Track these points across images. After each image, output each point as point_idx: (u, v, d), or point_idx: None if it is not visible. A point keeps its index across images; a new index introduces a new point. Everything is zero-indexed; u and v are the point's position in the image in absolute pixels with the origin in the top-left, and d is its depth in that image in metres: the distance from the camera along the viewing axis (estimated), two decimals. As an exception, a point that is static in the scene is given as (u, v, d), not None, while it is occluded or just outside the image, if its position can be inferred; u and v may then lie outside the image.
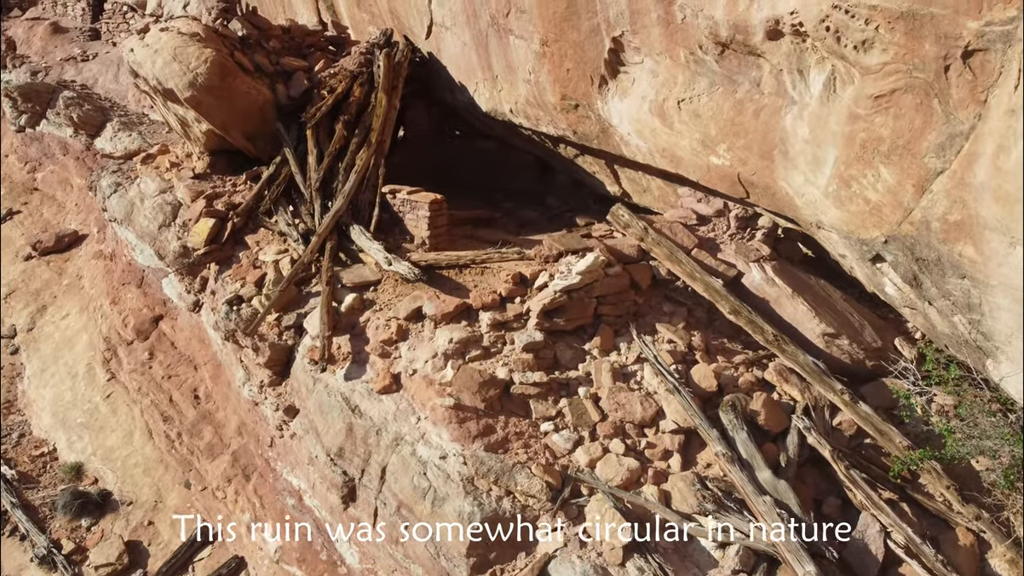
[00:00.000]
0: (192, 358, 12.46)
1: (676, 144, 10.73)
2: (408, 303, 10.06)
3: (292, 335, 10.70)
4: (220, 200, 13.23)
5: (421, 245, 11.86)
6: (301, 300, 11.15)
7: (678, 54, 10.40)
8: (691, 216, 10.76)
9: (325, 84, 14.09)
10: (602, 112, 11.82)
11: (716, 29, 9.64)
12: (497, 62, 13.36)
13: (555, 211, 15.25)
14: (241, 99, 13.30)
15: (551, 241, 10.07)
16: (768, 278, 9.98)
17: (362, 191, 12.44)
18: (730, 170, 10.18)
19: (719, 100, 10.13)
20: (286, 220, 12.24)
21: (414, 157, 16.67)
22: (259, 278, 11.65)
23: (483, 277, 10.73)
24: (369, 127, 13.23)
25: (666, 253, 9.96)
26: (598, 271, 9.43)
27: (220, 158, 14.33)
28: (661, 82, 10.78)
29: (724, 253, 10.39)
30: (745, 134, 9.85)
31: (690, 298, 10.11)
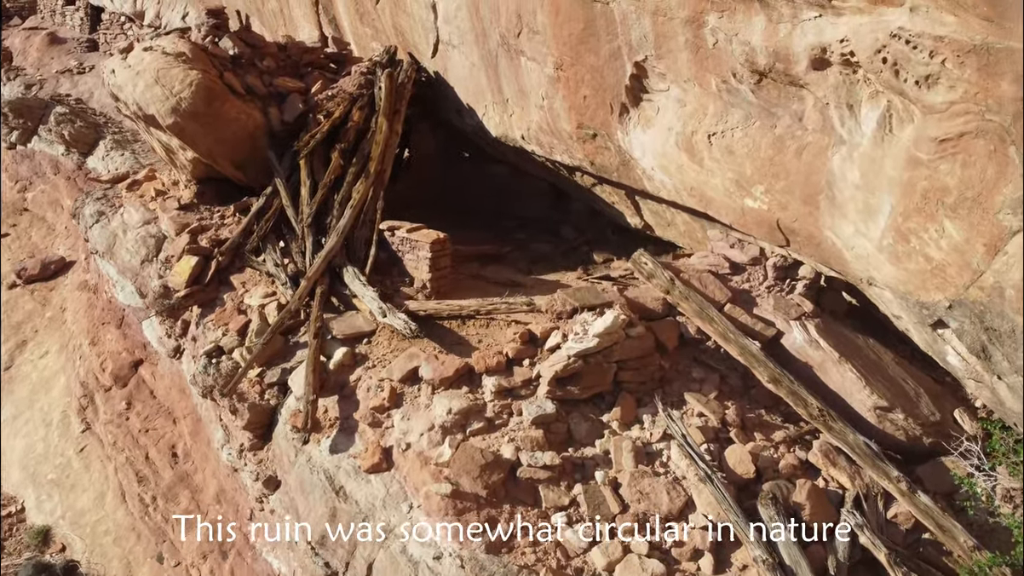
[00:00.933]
0: (171, 410, 11.61)
1: (706, 183, 9.74)
2: (403, 361, 9.12)
3: (275, 394, 9.81)
4: (206, 235, 12.39)
5: (421, 289, 10.93)
6: (287, 352, 10.25)
7: (708, 82, 9.42)
8: (723, 264, 9.75)
9: (322, 107, 13.23)
10: (622, 143, 10.85)
11: (753, 56, 8.67)
12: (508, 85, 12.43)
13: (570, 243, 14.29)
14: (229, 125, 12.46)
15: (565, 296, 9.10)
16: (811, 339, 8.95)
17: (358, 227, 11.54)
18: (768, 215, 9.18)
19: (755, 135, 9.13)
20: (274, 260, 11.36)
21: (419, 181, 15.78)
22: (243, 325, 10.77)
23: (488, 330, 9.79)
24: (368, 155, 12.33)
25: (695, 309, 8.95)
26: (618, 333, 8.45)
27: (208, 187, 13.50)
28: (689, 112, 9.80)
29: (761, 308, 9.37)
30: (785, 175, 8.85)
31: (723, 361, 9.11)
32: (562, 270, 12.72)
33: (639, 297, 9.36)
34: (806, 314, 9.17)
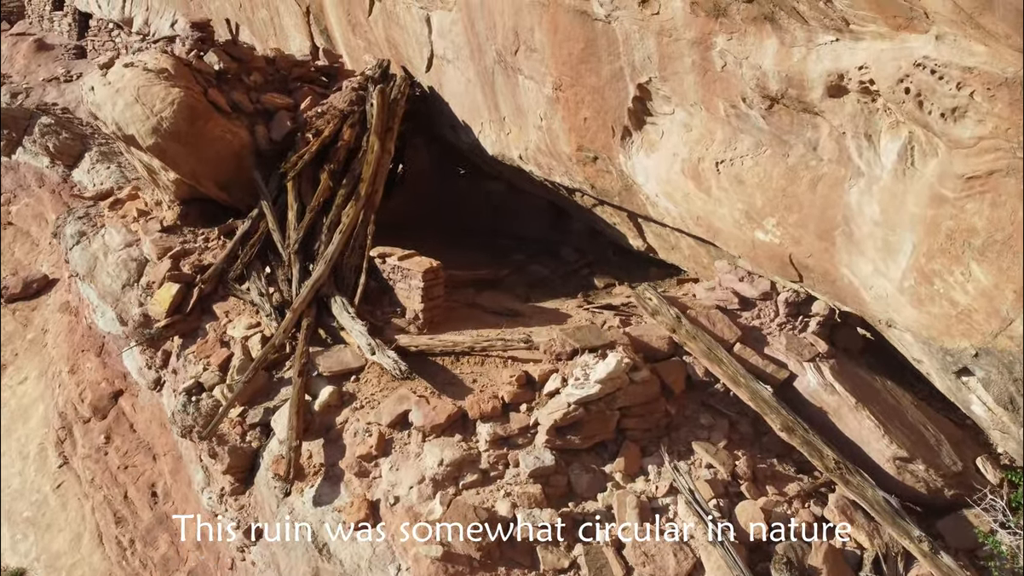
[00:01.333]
0: (151, 445, 11.15)
1: (714, 213, 9.27)
2: (393, 404, 8.66)
3: (258, 435, 9.35)
4: (189, 259, 11.93)
5: (414, 320, 10.46)
6: (271, 389, 9.80)
7: (716, 106, 8.96)
8: (731, 299, 9.29)
9: (311, 125, 12.75)
10: (625, 168, 10.39)
11: (764, 81, 8.21)
12: (505, 103, 11.96)
13: (570, 266, 13.81)
14: (214, 145, 11.99)
15: (564, 336, 8.62)
16: (826, 383, 8.49)
17: (347, 254, 11.07)
18: (780, 249, 8.72)
19: (767, 165, 8.67)
20: (259, 289, 10.89)
21: (413, 198, 15.33)
22: (225, 359, 10.31)
23: (483, 368, 9.32)
24: (359, 177, 11.86)
25: (703, 350, 8.49)
26: (622, 378, 7.99)
27: (192, 207, 13.04)
28: (696, 138, 9.34)
29: (772, 348, 8.90)
30: (799, 208, 8.39)
31: (733, 406, 8.64)
32: (562, 296, 12.25)
33: (643, 335, 8.89)
34: (820, 355, 8.70)
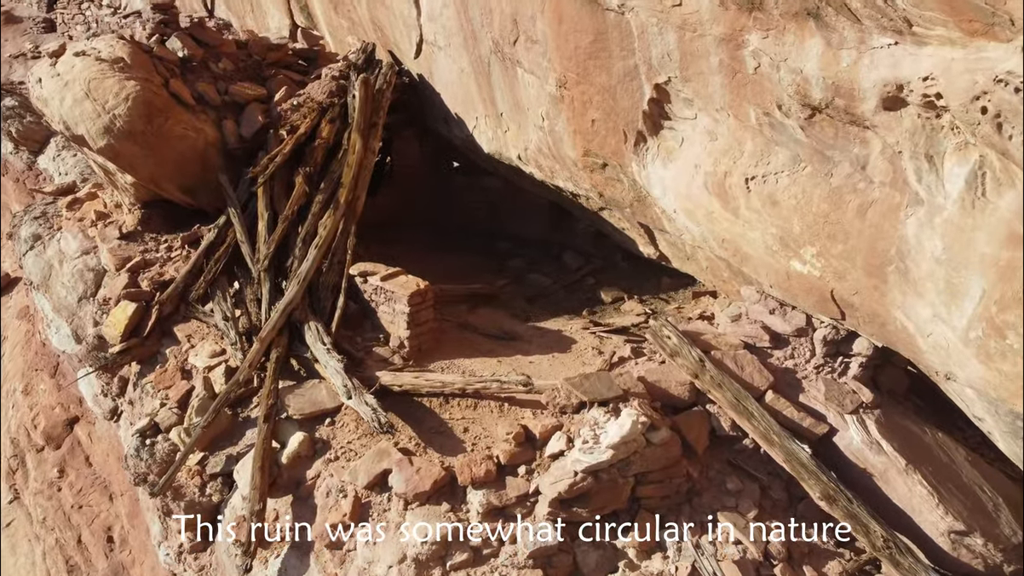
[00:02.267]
0: (108, 483, 10.22)
1: (742, 236, 8.20)
2: (371, 461, 7.67)
3: (219, 487, 8.40)
4: (149, 272, 10.88)
5: (399, 348, 9.44)
6: (235, 431, 8.83)
7: (747, 113, 7.85)
8: (761, 335, 8.24)
9: (286, 120, 11.63)
10: (638, 177, 9.29)
11: (805, 88, 7.09)
12: (502, 97, 10.83)
13: (573, 274, 12.74)
14: (175, 144, 10.89)
15: (570, 387, 7.58)
16: (871, 440, 7.46)
17: (324, 272, 10.00)
18: (820, 283, 7.65)
19: (806, 184, 7.57)
20: (223, 311, 9.85)
21: (402, 194, 14.26)
22: (185, 393, 9.33)
23: (476, 413, 8.32)
24: (338, 181, 10.76)
25: (731, 401, 7.46)
26: (638, 440, 6.96)
27: (155, 210, 11.97)
28: (722, 148, 8.24)
29: (809, 396, 7.87)
30: (844, 238, 7.30)
31: (763, 465, 7.64)
32: (564, 314, 11.22)
33: (660, 381, 7.84)
34: (864, 405, 7.67)
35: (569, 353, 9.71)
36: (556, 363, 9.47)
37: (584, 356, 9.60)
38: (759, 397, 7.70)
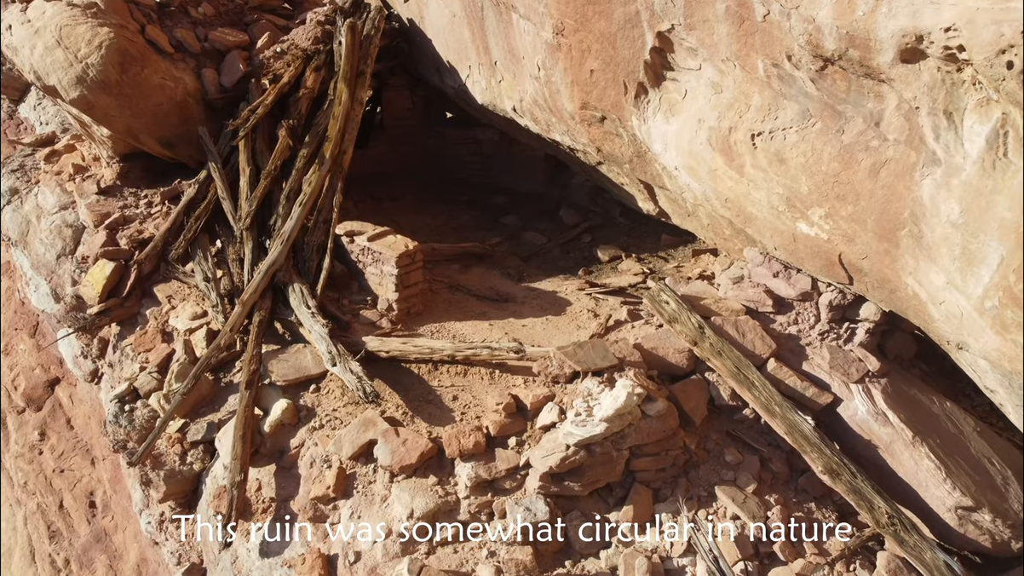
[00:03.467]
0: (90, 446, 10.05)
1: (747, 196, 7.86)
2: (356, 431, 7.46)
3: (200, 455, 8.22)
4: (128, 229, 10.58)
5: (387, 311, 9.17)
6: (217, 397, 8.62)
7: (754, 64, 7.46)
8: (764, 299, 7.96)
9: (268, 69, 11.21)
10: (638, 132, 8.91)
11: (817, 37, 6.70)
12: (496, 45, 10.38)
13: (570, 231, 12.41)
14: (152, 95, 10.48)
15: (563, 356, 7.31)
16: (877, 411, 7.23)
17: (310, 231, 9.68)
18: (828, 247, 7.34)
19: (815, 141, 7.21)
20: (204, 272, 9.57)
21: (394, 146, 13.91)
22: (165, 357, 9.10)
23: (466, 380, 8.09)
24: (323, 134, 10.36)
25: (731, 369, 7.21)
26: (633, 413, 6.73)
27: (135, 163, 11.62)
28: (727, 102, 7.86)
29: (812, 363, 7.62)
30: (855, 199, 6.98)
31: (763, 435, 7.43)
32: (560, 274, 10.93)
33: (657, 348, 7.59)
34: (871, 374, 7.42)
35: (564, 316, 9.46)
36: (550, 326, 9.22)
37: (579, 319, 9.34)
38: (761, 365, 7.46)
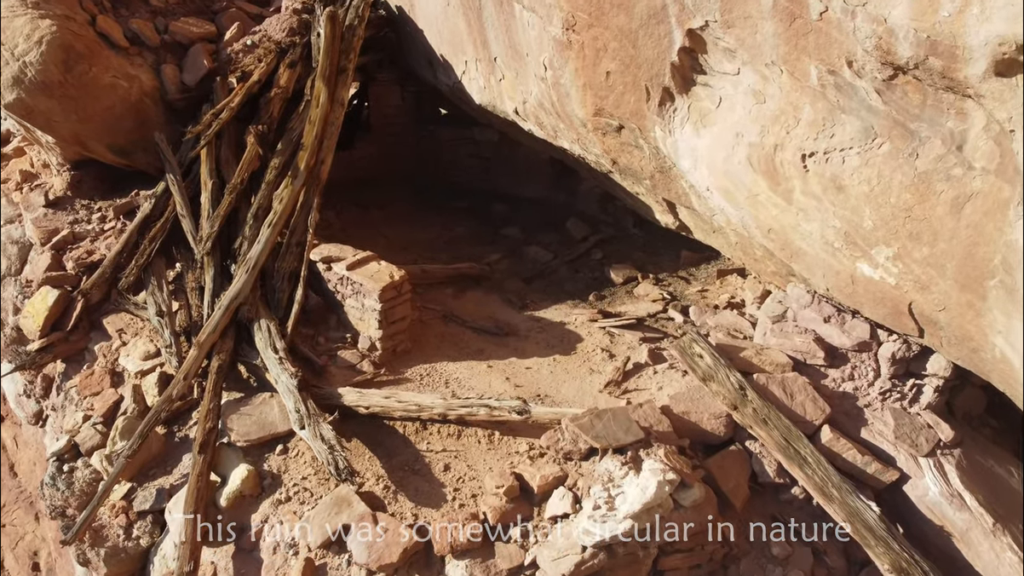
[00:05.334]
0: (35, 499, 9.00)
1: (795, 228, 6.73)
2: (327, 512, 6.37)
3: (148, 528, 7.15)
4: (76, 251, 9.48)
5: (369, 351, 8.08)
6: (169, 455, 7.55)
7: (805, 70, 6.31)
8: (814, 350, 6.84)
9: (237, 64, 10.01)
10: (662, 145, 7.76)
11: (888, 42, 5.57)
12: (496, 38, 9.21)
13: (578, 246, 11.27)
14: (102, 96, 9.36)
15: (576, 429, 6.20)
16: (952, 492, 6.13)
17: (282, 256, 8.54)
18: (895, 293, 6.21)
19: (882, 167, 6.07)
20: (159, 303, 8.46)
21: (382, 149, 12.78)
22: (113, 405, 8.03)
23: (460, 443, 6.99)
24: (298, 141, 9.20)
25: (778, 441, 6.11)
26: (664, 505, 5.61)
27: (88, 172, 10.47)
28: (772, 114, 6.71)
29: (873, 430, 6.50)
30: (932, 239, 5.84)
31: (816, 520, 6.31)
32: (568, 299, 9.82)
33: (690, 413, 6.47)
34: (942, 444, 6.31)
35: (574, 355, 8.36)
36: (558, 369, 8.11)
37: (592, 360, 8.24)
38: (813, 434, 6.35)
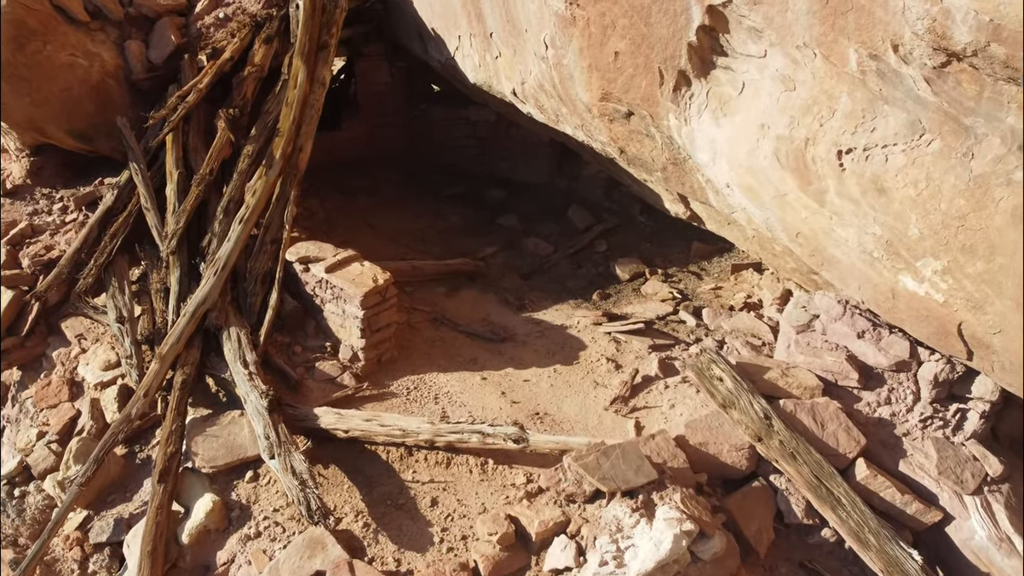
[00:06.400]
0: (-10, 517, 8.24)
1: (828, 233, 6.01)
2: (298, 556, 5.73)
3: (105, 562, 6.53)
4: (34, 247, 8.78)
5: (351, 362, 7.41)
6: (129, 479, 6.93)
7: (843, 54, 5.57)
8: (846, 370, 6.14)
9: (208, 40, 9.21)
10: (676, 134, 7.02)
11: (944, 25, 4.85)
12: (492, 12, 8.44)
13: (580, 237, 10.55)
14: (59, 76, 8.62)
15: (581, 471, 5.50)
16: (1001, 536, 5.49)
17: (254, 255, 7.82)
18: (942, 311, 5.51)
19: (932, 167, 5.34)
20: (119, 308, 7.77)
21: (370, 129, 12.02)
22: (69, 421, 7.40)
23: (450, 473, 6.34)
24: (274, 126, 8.44)
25: (808, 479, 5.44)
26: (680, 560, 4.96)
27: (50, 158, 9.76)
28: (803, 103, 5.98)
29: (913, 462, 5.83)
30: (988, 252, 5.14)
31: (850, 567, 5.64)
32: (570, 298, 9.15)
33: (707, 444, 5.79)
34: (990, 480, 5.64)
35: (576, 365, 7.69)
36: (559, 382, 7.44)
37: (596, 371, 7.57)
38: (846, 468, 5.68)
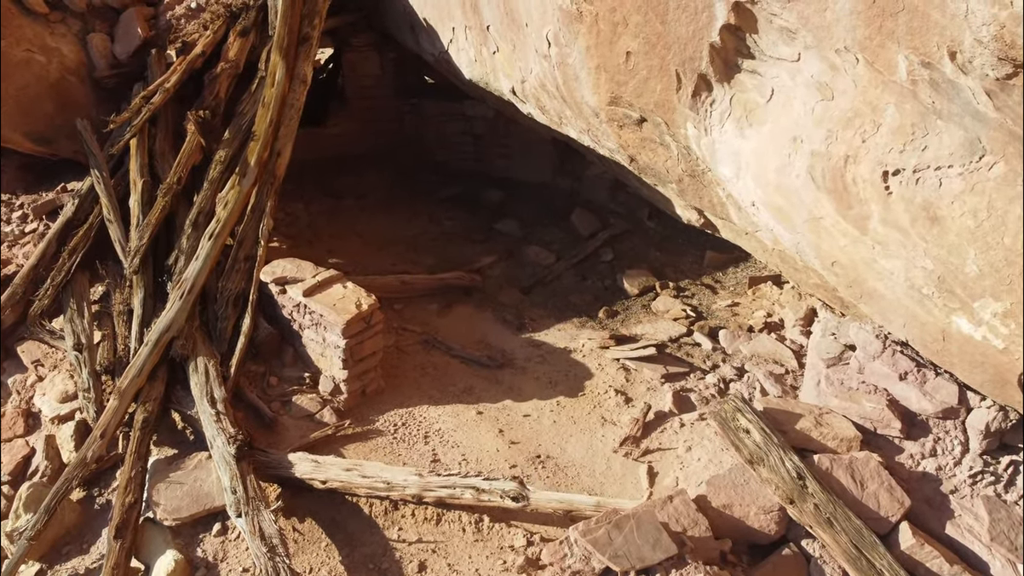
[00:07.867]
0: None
1: (870, 264, 5.37)
2: (269, 624, 5.07)
3: (58, 625, 5.85)
4: (-11, 259, 8.05)
5: (332, 394, 6.78)
6: (87, 528, 6.36)
7: (891, 60, 4.90)
8: (887, 418, 5.51)
9: (178, 32, 8.53)
10: (695, 145, 6.36)
11: (1014, 32, 4.21)
12: (489, 2, 7.75)
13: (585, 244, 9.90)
14: (14, 75, 8.01)
15: (590, 547, 4.85)
16: (1071, 616, 4.85)
17: (225, 274, 7.17)
18: (1001, 358, 4.88)
19: (993, 194, 4.69)
20: (78, 333, 7.13)
21: (359, 125, 11.38)
22: (23, 460, 6.79)
23: (440, 532, 5.76)
24: (249, 129, 7.76)
25: (846, 549, 4.83)
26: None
27: (10, 161, 9.22)
28: (843, 115, 5.31)
29: (961, 524, 5.22)
30: (1062, 296, 4.47)
31: (892, 650, 5.04)
32: (574, 315, 8.55)
33: (732, 506, 5.16)
34: (1056, 547, 5.02)
35: (582, 397, 7.08)
36: (563, 417, 6.82)
37: (604, 405, 6.95)
38: (888, 533, 5.06)
